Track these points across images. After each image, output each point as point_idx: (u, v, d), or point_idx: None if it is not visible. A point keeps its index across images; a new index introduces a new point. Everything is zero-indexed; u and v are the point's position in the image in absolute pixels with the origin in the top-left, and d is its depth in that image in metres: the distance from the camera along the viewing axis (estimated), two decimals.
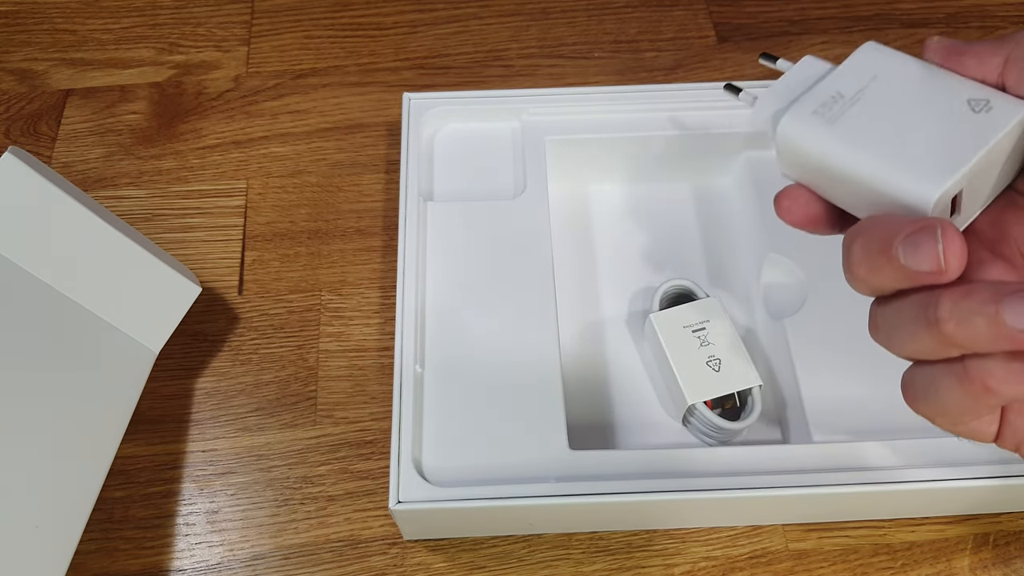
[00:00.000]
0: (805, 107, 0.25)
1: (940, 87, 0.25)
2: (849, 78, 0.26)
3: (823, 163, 0.25)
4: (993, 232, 0.24)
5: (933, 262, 0.21)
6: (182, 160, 0.46)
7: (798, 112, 0.25)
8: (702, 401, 0.34)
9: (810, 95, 0.26)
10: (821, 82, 0.26)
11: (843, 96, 0.25)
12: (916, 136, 0.24)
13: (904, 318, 0.23)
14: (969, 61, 0.25)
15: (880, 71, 0.26)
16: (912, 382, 0.24)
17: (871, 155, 0.24)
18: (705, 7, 0.52)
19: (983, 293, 0.21)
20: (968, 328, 0.21)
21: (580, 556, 0.35)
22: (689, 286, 0.38)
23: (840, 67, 0.26)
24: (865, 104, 0.25)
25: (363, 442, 0.37)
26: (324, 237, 0.43)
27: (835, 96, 0.25)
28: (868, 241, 0.23)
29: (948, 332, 0.21)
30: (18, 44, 0.50)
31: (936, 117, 0.24)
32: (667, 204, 0.43)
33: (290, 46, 0.50)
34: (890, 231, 0.22)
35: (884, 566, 0.35)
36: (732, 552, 0.35)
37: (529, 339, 0.35)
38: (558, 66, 0.49)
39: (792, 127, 0.25)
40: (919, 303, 0.22)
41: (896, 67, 0.25)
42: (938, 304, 0.21)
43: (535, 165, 0.40)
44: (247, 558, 0.35)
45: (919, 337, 0.22)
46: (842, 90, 0.25)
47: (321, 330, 0.40)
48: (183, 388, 0.39)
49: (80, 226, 0.33)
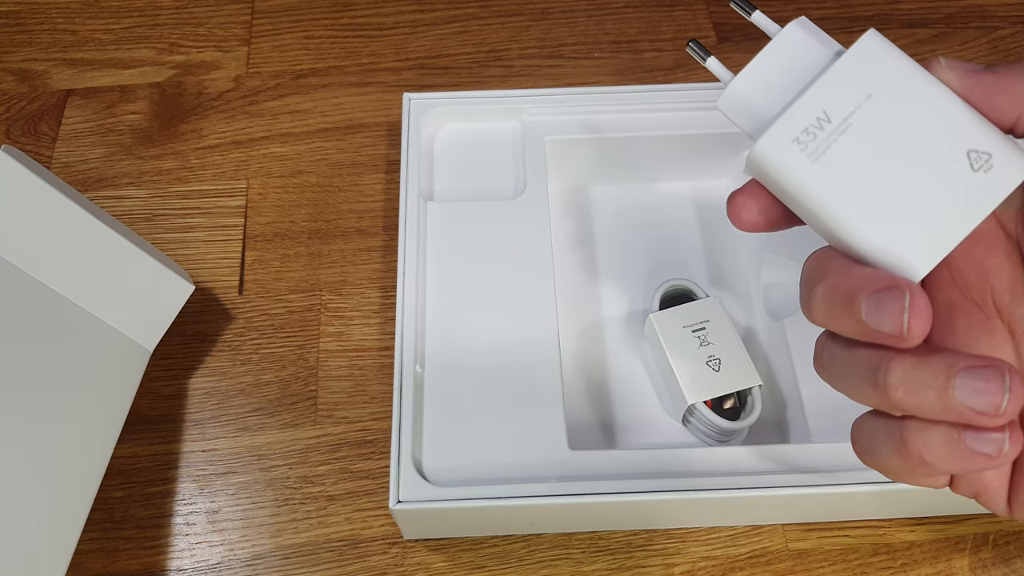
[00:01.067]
0: (786, 131, 0.22)
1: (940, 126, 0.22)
2: (841, 88, 0.22)
3: (799, 204, 0.23)
4: (973, 274, 0.23)
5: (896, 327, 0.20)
6: (182, 160, 0.46)
7: (777, 139, 0.22)
8: (702, 401, 0.34)
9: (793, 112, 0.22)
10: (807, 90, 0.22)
11: (830, 120, 0.22)
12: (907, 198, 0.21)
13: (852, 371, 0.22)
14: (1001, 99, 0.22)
15: (876, 86, 0.22)
16: (858, 438, 0.23)
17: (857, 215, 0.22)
18: (705, 7, 0.52)
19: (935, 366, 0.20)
20: (917, 399, 0.20)
21: (580, 556, 0.35)
22: (689, 286, 0.38)
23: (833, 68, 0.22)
24: (853, 137, 0.22)
25: (363, 442, 0.37)
26: (324, 237, 0.43)
27: (821, 119, 0.22)
28: (831, 290, 0.22)
29: (896, 399, 0.21)
30: (19, 44, 0.50)
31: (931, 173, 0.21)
32: (667, 204, 0.43)
33: (290, 46, 0.50)
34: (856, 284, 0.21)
35: (884, 566, 0.35)
36: (732, 552, 0.35)
37: (529, 339, 0.35)
38: (558, 66, 0.49)
39: (769, 156, 0.22)
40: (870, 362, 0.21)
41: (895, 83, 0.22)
42: (889, 369, 0.21)
43: (535, 165, 0.40)
44: (247, 558, 0.35)
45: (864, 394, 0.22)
46: (830, 110, 0.22)
47: (321, 330, 0.40)
48: (183, 388, 0.39)
49: (73, 224, 0.33)
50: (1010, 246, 0.23)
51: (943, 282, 0.24)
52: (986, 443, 0.20)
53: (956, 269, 0.23)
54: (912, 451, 0.21)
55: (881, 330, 0.20)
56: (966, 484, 0.23)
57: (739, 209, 0.24)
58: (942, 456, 0.21)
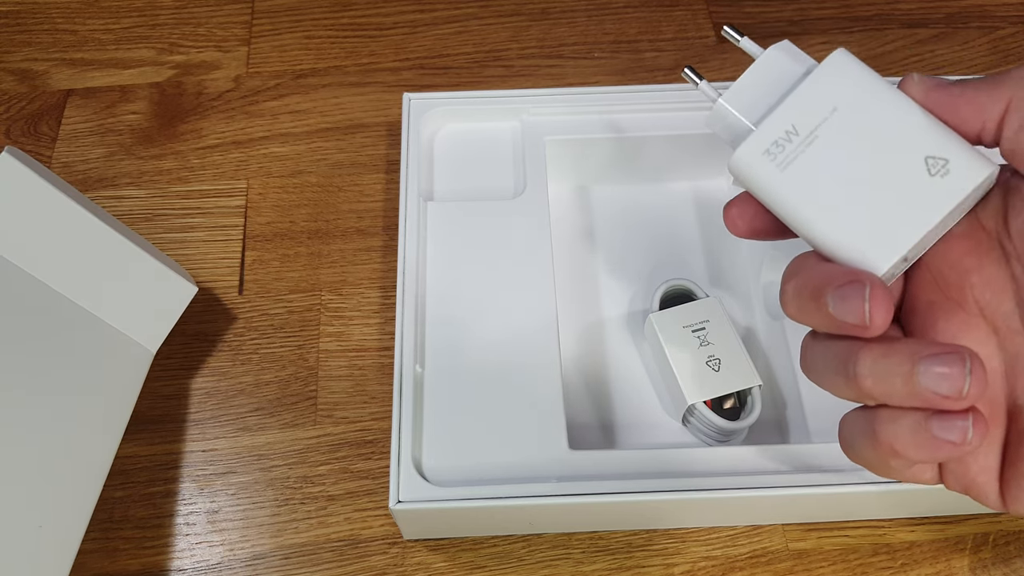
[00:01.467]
0: (758, 144, 0.25)
1: (900, 135, 0.24)
2: (809, 104, 0.24)
3: (772, 207, 0.25)
4: (953, 275, 0.24)
5: (859, 316, 0.22)
6: (182, 160, 0.46)
7: (750, 150, 0.25)
8: (702, 401, 0.34)
9: (765, 125, 0.25)
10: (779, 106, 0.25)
11: (798, 133, 0.24)
12: (867, 200, 0.23)
13: (828, 365, 0.24)
14: (965, 109, 0.23)
15: (841, 100, 0.24)
16: (842, 432, 0.25)
17: (821, 217, 0.24)
18: (705, 7, 0.52)
19: (900, 354, 0.21)
20: (884, 386, 0.22)
21: (580, 556, 0.35)
22: (689, 286, 0.38)
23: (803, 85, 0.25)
24: (819, 148, 0.24)
25: (363, 442, 0.37)
26: (324, 237, 0.43)
27: (790, 132, 0.24)
28: (801, 285, 0.23)
29: (866, 388, 0.22)
30: (18, 44, 0.50)
31: (891, 178, 0.23)
32: (667, 204, 0.43)
33: (290, 46, 0.50)
34: (823, 279, 0.23)
35: (884, 566, 0.35)
36: (732, 552, 0.35)
37: (529, 339, 0.35)
38: (558, 66, 0.49)
39: (743, 165, 0.25)
40: (841, 355, 0.23)
41: (859, 96, 0.24)
42: (858, 360, 0.22)
43: (535, 165, 0.40)
44: (247, 558, 0.35)
45: (839, 386, 0.23)
46: (798, 124, 0.24)
47: (321, 330, 0.40)
48: (183, 388, 0.39)
49: (77, 225, 0.33)
50: (991, 245, 0.24)
51: (924, 284, 0.25)
52: (951, 430, 0.21)
53: (936, 271, 0.24)
54: (883, 441, 0.22)
55: (846, 320, 0.22)
56: (954, 479, 0.23)
57: (734, 218, 0.26)
58: (910, 444, 0.22)
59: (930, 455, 0.22)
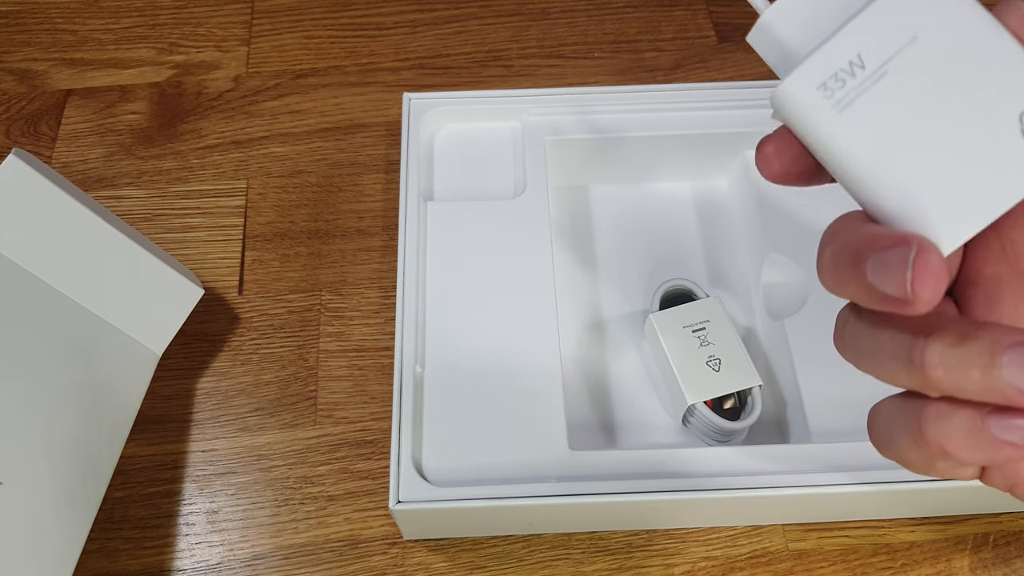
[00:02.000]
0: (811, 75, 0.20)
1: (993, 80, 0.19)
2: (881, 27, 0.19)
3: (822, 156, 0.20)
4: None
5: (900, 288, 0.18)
6: (182, 160, 0.46)
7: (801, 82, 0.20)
8: (702, 401, 0.34)
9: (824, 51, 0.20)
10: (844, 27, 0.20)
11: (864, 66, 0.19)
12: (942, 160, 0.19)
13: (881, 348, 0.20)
14: None
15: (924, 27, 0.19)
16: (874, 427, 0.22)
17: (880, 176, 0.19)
18: (705, 7, 0.52)
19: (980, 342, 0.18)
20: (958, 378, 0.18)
21: (580, 556, 0.35)
22: (689, 286, 0.38)
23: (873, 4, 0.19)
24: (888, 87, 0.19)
25: (363, 442, 0.37)
26: (324, 237, 0.43)
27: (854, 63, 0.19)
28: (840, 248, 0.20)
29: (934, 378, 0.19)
30: (18, 44, 0.50)
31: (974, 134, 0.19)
32: (667, 204, 0.43)
33: (290, 46, 0.50)
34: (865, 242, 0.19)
35: (884, 566, 0.35)
36: (732, 552, 0.35)
37: (529, 339, 0.35)
38: (558, 66, 0.49)
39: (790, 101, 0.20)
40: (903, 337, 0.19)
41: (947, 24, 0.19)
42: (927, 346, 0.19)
43: (535, 165, 0.40)
44: (247, 558, 0.35)
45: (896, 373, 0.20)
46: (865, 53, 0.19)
47: (321, 330, 0.40)
48: (183, 388, 0.39)
49: (83, 228, 0.33)
50: None
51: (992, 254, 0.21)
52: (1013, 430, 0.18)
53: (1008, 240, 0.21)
54: (931, 441, 0.19)
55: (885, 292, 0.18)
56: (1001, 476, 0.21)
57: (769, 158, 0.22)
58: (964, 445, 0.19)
59: (986, 457, 0.19)
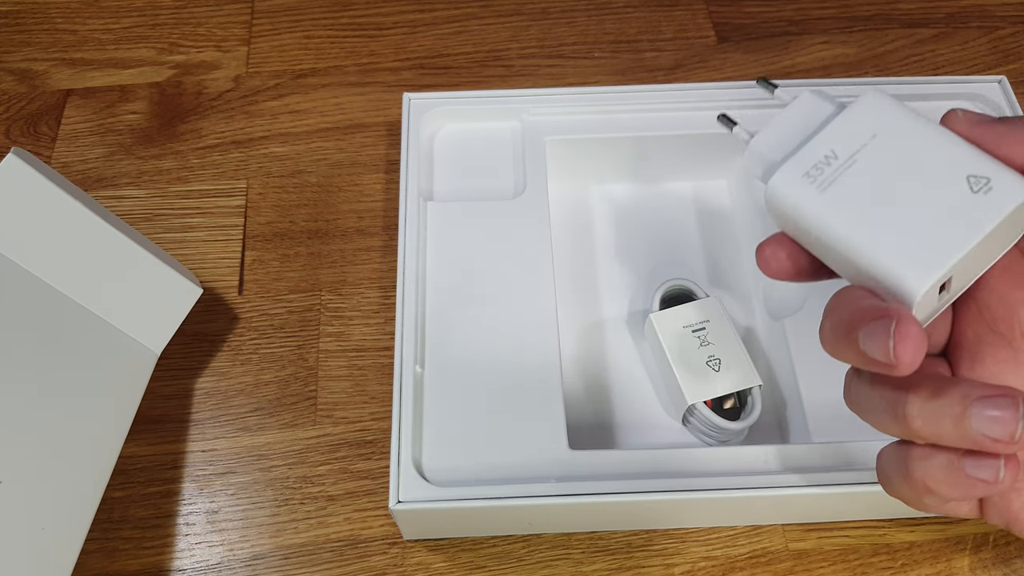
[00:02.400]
0: (797, 167, 0.24)
1: (941, 157, 0.23)
2: (847, 132, 0.24)
3: (810, 231, 0.24)
4: (1000, 308, 0.24)
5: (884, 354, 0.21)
6: (182, 160, 0.46)
7: (789, 173, 0.24)
8: (702, 401, 0.34)
9: (804, 152, 0.25)
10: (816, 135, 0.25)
11: (837, 157, 0.24)
12: (908, 218, 0.23)
13: (875, 403, 0.23)
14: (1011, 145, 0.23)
15: (881, 129, 0.24)
16: (879, 467, 0.25)
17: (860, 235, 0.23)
18: (705, 7, 0.52)
19: (951, 396, 0.21)
20: (935, 428, 0.21)
21: (580, 556, 0.35)
22: (689, 286, 0.38)
23: (840, 117, 0.25)
24: (859, 170, 0.24)
25: (363, 442, 0.37)
26: (324, 237, 0.43)
27: (829, 156, 0.24)
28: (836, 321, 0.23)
29: (915, 428, 0.22)
30: (18, 44, 0.50)
31: (932, 196, 0.23)
32: (667, 204, 0.43)
33: (290, 46, 0.50)
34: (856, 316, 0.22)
35: (884, 566, 0.35)
36: (732, 552, 0.35)
37: (529, 339, 0.35)
38: (558, 66, 0.49)
39: (781, 189, 0.25)
40: (890, 394, 0.23)
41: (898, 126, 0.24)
42: (907, 401, 0.22)
43: (535, 165, 0.40)
44: (247, 558, 0.35)
45: (888, 425, 0.23)
46: (837, 149, 0.24)
47: (321, 330, 0.40)
48: (183, 388, 0.39)
49: (82, 228, 0.33)
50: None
51: (972, 318, 0.24)
52: (983, 469, 0.21)
53: (984, 304, 0.24)
54: (917, 479, 0.22)
55: (874, 357, 0.21)
56: (996, 513, 0.24)
57: (767, 258, 0.26)
58: (943, 482, 0.22)
59: (963, 493, 0.22)
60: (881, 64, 0.49)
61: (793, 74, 0.49)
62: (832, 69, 0.49)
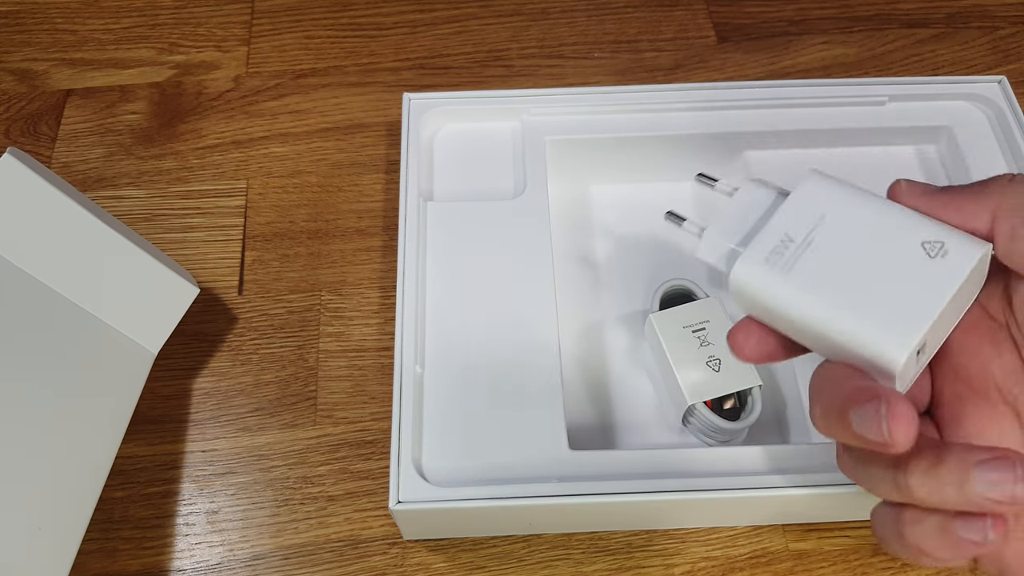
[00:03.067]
0: (756, 254, 0.25)
1: (893, 228, 0.24)
2: (796, 216, 0.25)
3: (781, 314, 0.25)
4: (973, 365, 0.25)
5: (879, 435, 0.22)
6: (182, 160, 0.46)
7: (750, 260, 0.25)
8: (702, 401, 0.34)
9: (760, 238, 0.25)
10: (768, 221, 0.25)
11: (793, 240, 0.25)
12: (875, 290, 0.23)
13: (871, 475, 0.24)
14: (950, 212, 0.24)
15: (827, 209, 0.25)
16: (874, 526, 0.25)
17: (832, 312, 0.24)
18: (705, 7, 0.52)
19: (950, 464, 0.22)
20: (938, 496, 0.22)
21: (580, 556, 0.35)
22: (689, 286, 0.38)
23: (787, 202, 0.25)
24: (817, 249, 0.24)
25: (363, 442, 0.37)
26: (324, 237, 0.43)
27: (784, 240, 0.25)
28: (826, 408, 0.23)
29: (919, 497, 0.22)
30: (18, 44, 0.50)
31: (893, 266, 0.24)
32: (667, 204, 0.42)
33: (290, 46, 0.50)
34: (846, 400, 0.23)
35: (884, 566, 0.35)
36: (732, 552, 0.35)
37: (529, 339, 0.35)
38: (558, 66, 0.49)
39: (746, 275, 0.25)
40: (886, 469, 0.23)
41: (844, 203, 0.25)
42: (908, 472, 0.22)
43: (535, 165, 0.40)
44: (247, 558, 0.35)
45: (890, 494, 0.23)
46: (791, 232, 0.25)
47: (321, 330, 0.40)
48: (183, 388, 0.39)
49: (78, 227, 0.33)
50: (1001, 332, 0.25)
51: (948, 377, 0.25)
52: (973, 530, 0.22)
53: (958, 363, 0.25)
54: (910, 543, 0.23)
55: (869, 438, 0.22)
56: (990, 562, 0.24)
57: (740, 343, 0.26)
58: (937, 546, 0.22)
59: (956, 555, 0.22)
60: (881, 64, 0.49)
61: (793, 74, 0.49)
62: (832, 69, 0.49)
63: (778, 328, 0.26)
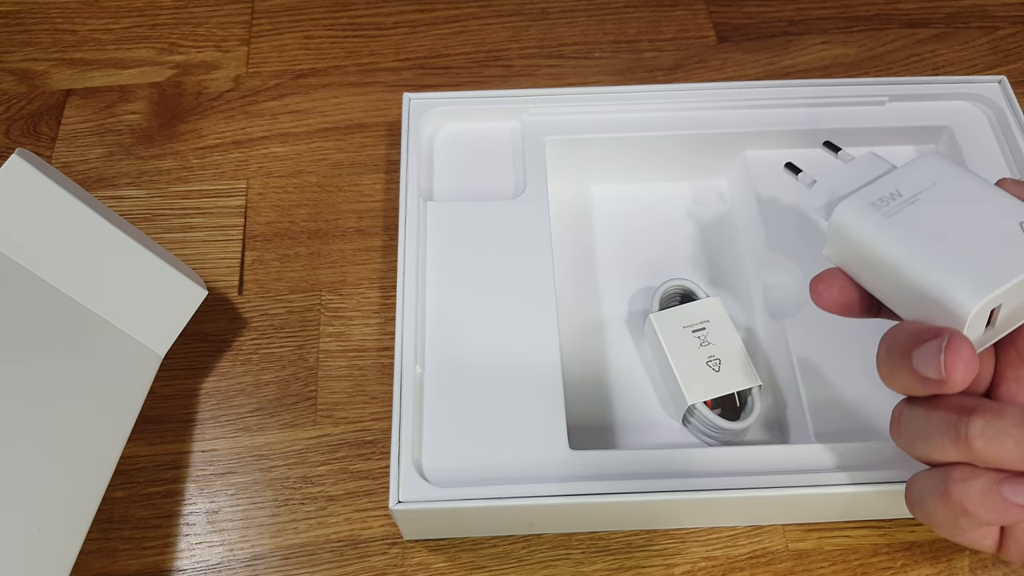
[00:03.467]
0: (863, 198, 0.27)
1: (997, 204, 0.25)
2: (909, 180, 0.27)
3: (871, 253, 0.26)
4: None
5: (936, 371, 0.22)
6: (182, 160, 0.46)
7: (856, 201, 0.27)
8: (702, 401, 0.34)
9: (869, 188, 0.27)
10: (881, 179, 0.27)
11: (901, 195, 0.26)
12: (966, 247, 0.25)
13: (931, 428, 0.24)
14: None
15: (941, 179, 0.26)
16: (910, 491, 0.26)
17: (919, 255, 0.25)
18: (705, 7, 0.52)
19: (1014, 415, 0.22)
20: (997, 448, 0.22)
21: (580, 556, 0.35)
22: (689, 286, 0.38)
23: (900, 168, 0.27)
24: (922, 205, 0.26)
25: (363, 442, 0.37)
26: (324, 237, 0.43)
27: (893, 193, 0.26)
28: (892, 344, 0.24)
29: (977, 449, 0.23)
30: (18, 44, 0.50)
31: (988, 232, 0.25)
32: (667, 204, 0.43)
33: (290, 46, 0.50)
34: (912, 337, 0.24)
35: (884, 566, 0.35)
36: (732, 552, 0.35)
37: (529, 339, 0.35)
38: (558, 66, 0.49)
39: (848, 214, 0.27)
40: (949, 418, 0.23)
41: (957, 178, 0.26)
42: (969, 422, 0.23)
43: (535, 165, 0.40)
44: (247, 558, 0.35)
45: (945, 449, 0.24)
46: (901, 189, 0.26)
47: (321, 330, 0.40)
48: (183, 388, 0.39)
49: (86, 229, 0.33)
50: None
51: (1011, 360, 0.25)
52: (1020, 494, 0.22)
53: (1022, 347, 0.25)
54: (954, 499, 0.23)
55: (927, 375, 0.23)
56: (1016, 550, 0.24)
57: (821, 291, 0.27)
58: (981, 505, 0.23)
59: (998, 516, 0.22)
60: (881, 64, 0.49)
61: (793, 74, 0.49)
62: (832, 69, 0.49)
63: (862, 278, 0.27)
